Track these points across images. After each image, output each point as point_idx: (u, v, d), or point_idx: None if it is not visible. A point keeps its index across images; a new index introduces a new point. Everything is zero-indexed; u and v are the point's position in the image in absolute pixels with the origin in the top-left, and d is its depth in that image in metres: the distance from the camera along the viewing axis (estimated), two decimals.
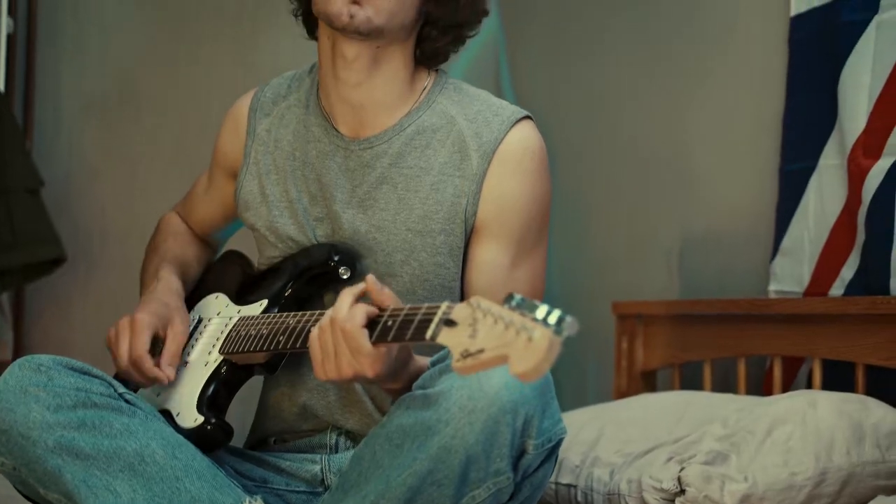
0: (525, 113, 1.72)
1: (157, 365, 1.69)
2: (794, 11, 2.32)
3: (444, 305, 1.34)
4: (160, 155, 3.13)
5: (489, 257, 1.70)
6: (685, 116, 2.65)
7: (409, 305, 1.42)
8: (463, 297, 1.73)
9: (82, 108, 3.07)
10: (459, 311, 1.30)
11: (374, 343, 1.43)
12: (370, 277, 1.49)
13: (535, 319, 1.20)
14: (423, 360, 1.56)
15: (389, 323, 1.41)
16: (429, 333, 1.33)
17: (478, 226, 1.69)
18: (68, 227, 2.92)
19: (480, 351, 1.23)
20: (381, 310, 1.45)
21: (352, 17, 1.61)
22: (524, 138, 1.69)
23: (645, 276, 2.75)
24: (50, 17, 3.02)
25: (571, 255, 2.83)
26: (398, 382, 1.53)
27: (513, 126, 1.69)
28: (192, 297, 1.90)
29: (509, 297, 1.24)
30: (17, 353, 2.96)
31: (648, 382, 2.55)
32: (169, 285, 1.82)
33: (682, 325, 2.46)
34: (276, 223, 1.77)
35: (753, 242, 2.45)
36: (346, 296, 1.48)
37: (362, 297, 1.49)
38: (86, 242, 3.04)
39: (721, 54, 2.55)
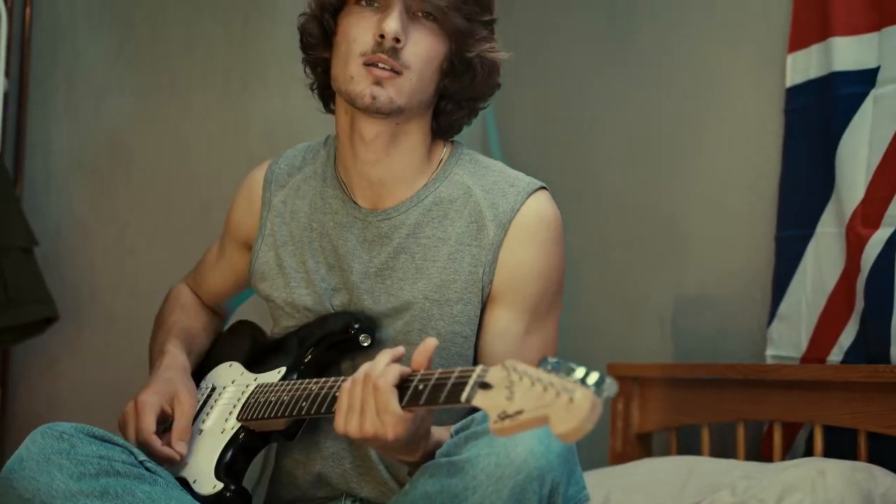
0: (540, 184, 1.75)
1: (168, 443, 1.71)
2: (789, 82, 2.38)
3: (478, 369, 1.35)
4: (149, 214, 3.13)
5: (503, 325, 1.72)
6: (681, 180, 2.69)
7: (439, 370, 1.43)
8: (476, 363, 1.73)
9: (73, 166, 3.06)
10: (494, 374, 1.31)
11: (405, 407, 1.44)
12: (431, 340, 1.50)
13: (574, 380, 1.21)
14: (440, 436, 1.57)
15: (420, 387, 1.42)
16: (464, 396, 1.33)
17: (493, 294, 1.71)
18: (57, 284, 2.90)
19: (519, 412, 1.24)
20: (413, 373, 1.46)
21: (374, 98, 1.65)
22: (540, 209, 1.72)
23: (639, 338, 2.77)
24: (42, 77, 3.02)
25: (565, 315, 2.82)
26: (413, 455, 1.53)
27: (529, 196, 1.72)
28: (205, 367, 1.91)
29: (544, 361, 1.26)
30: (4, 411, 2.93)
31: (644, 445, 2.57)
32: (174, 360, 1.83)
33: (679, 389, 2.48)
34: (294, 294, 1.79)
35: (749, 307, 2.48)
36: (384, 354, 1.50)
37: (399, 361, 1.50)
38: (74, 300, 3.02)
39: (717, 121, 2.60)
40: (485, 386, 1.31)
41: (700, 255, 2.63)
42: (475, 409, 1.38)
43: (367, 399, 1.46)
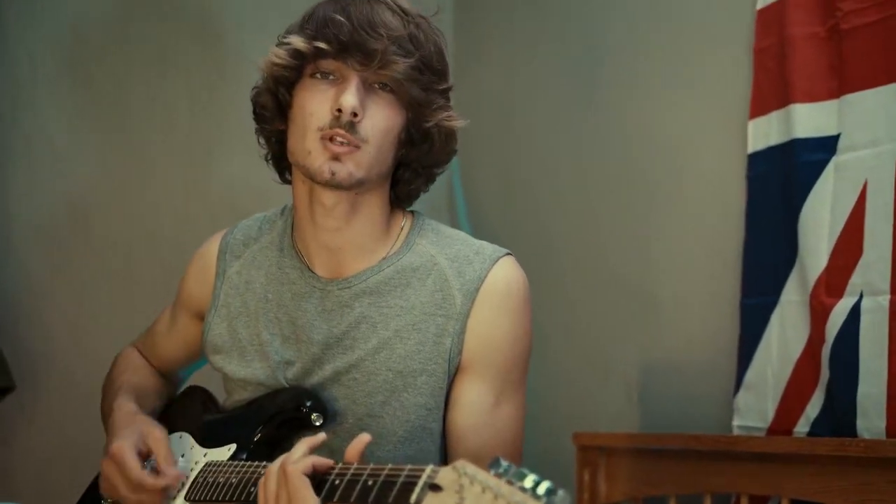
0: (506, 251, 1.73)
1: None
2: (751, 149, 2.37)
3: (428, 469, 1.31)
4: (110, 280, 3.09)
5: (474, 397, 1.68)
6: (645, 244, 2.68)
7: (389, 465, 1.38)
8: (445, 436, 1.71)
9: (31, 231, 3.02)
10: (445, 476, 1.27)
11: (330, 501, 1.40)
12: (364, 436, 1.47)
13: (523, 489, 1.18)
14: None
15: (370, 483, 1.38)
16: (413, 497, 1.30)
17: (463, 364, 1.68)
18: (14, 352, 2.86)
19: None
20: (343, 468, 1.43)
21: (333, 173, 1.62)
22: (507, 276, 1.70)
23: (605, 405, 2.74)
24: (1, 140, 2.98)
25: (531, 382, 2.79)
26: None
27: (495, 263, 1.69)
28: None
29: (496, 463, 1.22)
30: None
31: None
32: (128, 410, 1.80)
33: (646, 459, 2.44)
34: (247, 368, 1.75)
35: (715, 375, 2.46)
36: (302, 443, 1.48)
37: (317, 451, 1.48)
38: (31, 367, 2.97)
39: (681, 186, 2.59)
40: (435, 488, 1.27)
41: (666, 321, 2.61)
42: None
43: (280, 488, 1.44)
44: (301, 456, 1.45)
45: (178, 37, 3.20)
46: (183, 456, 1.78)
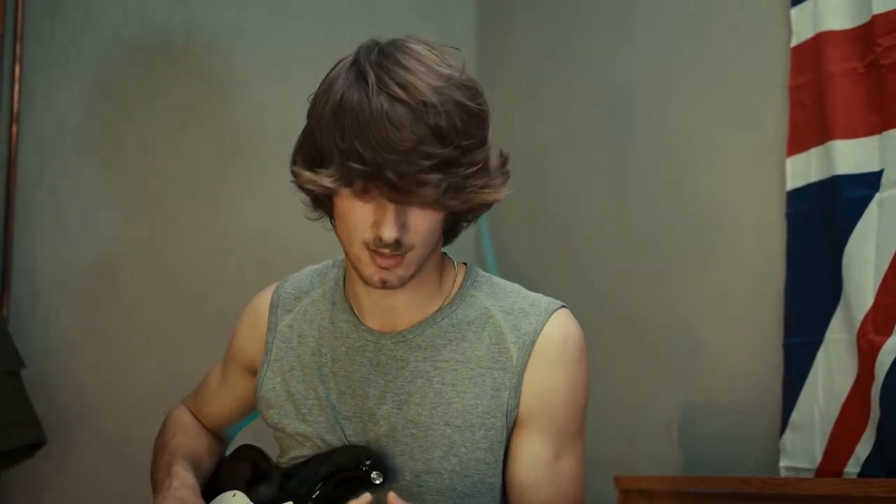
0: (561, 303, 1.71)
1: None
2: (790, 186, 2.35)
3: None
4: (139, 332, 3.08)
5: (534, 452, 1.66)
6: (683, 285, 2.66)
7: None
8: (505, 491, 1.69)
9: (60, 285, 3.01)
10: None
11: None
12: (392, 495, 1.47)
13: None
14: None
15: None
16: None
17: (520, 419, 1.66)
18: (44, 406, 2.84)
19: None
20: None
21: (384, 281, 1.58)
22: (563, 329, 1.67)
23: (645, 448, 2.71)
24: (28, 195, 2.98)
25: None
26: None
27: (550, 316, 1.67)
28: (206, 495, 1.83)
29: None
30: None
31: None
32: (184, 481, 1.77)
33: (689, 501, 2.40)
34: (304, 422, 1.73)
35: (757, 415, 2.43)
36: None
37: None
38: (62, 421, 2.96)
39: (719, 224, 2.57)
40: None
41: (706, 362, 2.58)
42: None
43: None
44: None
45: (202, 87, 3.21)
46: None
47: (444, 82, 1.52)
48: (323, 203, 1.64)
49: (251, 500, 1.76)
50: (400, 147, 1.47)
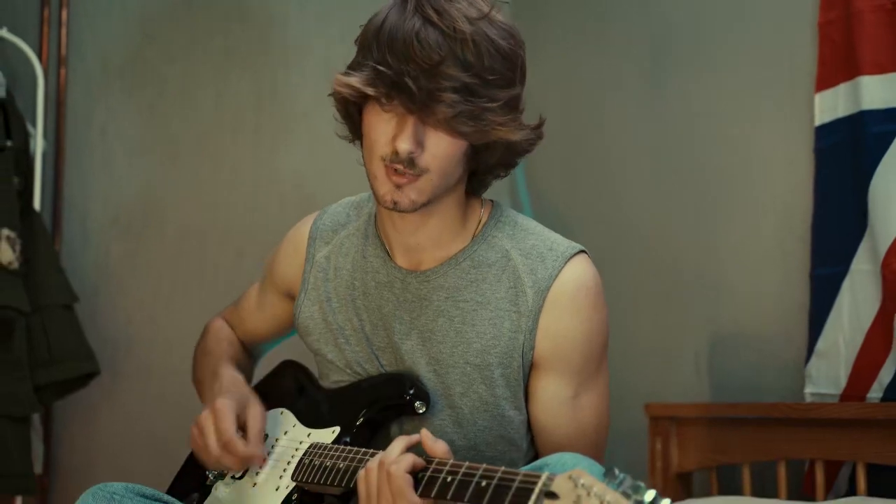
0: (579, 248, 1.73)
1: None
2: (818, 121, 2.39)
3: (543, 476, 1.32)
4: (183, 267, 3.17)
5: (551, 392, 1.71)
6: (714, 220, 2.71)
7: (502, 468, 1.39)
8: (528, 430, 1.75)
9: (108, 222, 3.11)
10: (560, 485, 1.28)
11: (429, 497, 1.44)
12: (424, 432, 1.52)
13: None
14: None
15: (483, 484, 1.39)
16: (531, 503, 1.31)
17: (536, 361, 1.70)
18: (94, 338, 2.95)
19: None
20: (440, 465, 1.46)
21: (395, 202, 1.64)
22: (578, 275, 1.70)
23: (675, 378, 2.77)
24: (78, 137, 3.07)
25: None
26: None
27: (567, 262, 1.70)
28: None
29: (610, 472, 1.23)
30: (47, 465, 2.96)
31: (684, 484, 2.57)
32: (234, 377, 1.85)
33: (718, 428, 2.48)
34: (343, 350, 1.79)
35: (785, 344, 2.49)
36: (399, 442, 1.52)
37: (413, 448, 1.52)
38: (112, 353, 3.06)
39: (748, 160, 2.62)
40: (551, 495, 1.28)
41: (735, 294, 2.64)
42: None
43: (382, 485, 1.48)
44: (399, 454, 1.49)
45: (242, 31, 3.27)
46: (286, 433, 1.81)
47: (479, 17, 1.60)
48: (352, 117, 1.71)
49: (298, 420, 1.83)
50: (423, 63, 1.55)
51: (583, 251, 1.73)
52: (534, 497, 1.31)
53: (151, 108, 3.17)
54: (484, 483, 1.39)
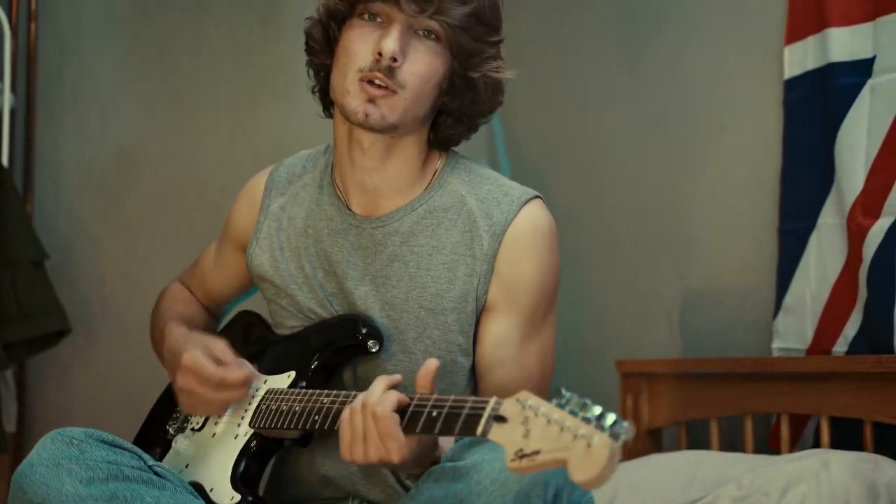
0: (534, 193, 1.74)
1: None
2: (787, 74, 2.38)
3: (492, 401, 1.34)
4: (159, 224, 3.15)
5: (500, 333, 1.71)
6: (684, 176, 2.70)
7: (452, 397, 1.42)
8: (474, 371, 1.75)
9: (82, 179, 3.09)
10: (509, 408, 1.29)
11: (419, 433, 1.45)
12: (433, 361, 1.51)
13: (587, 420, 1.19)
14: (445, 444, 1.57)
15: (434, 414, 1.42)
16: (479, 429, 1.33)
17: (489, 304, 1.71)
18: (68, 297, 2.93)
19: (536, 452, 1.22)
20: (421, 400, 1.47)
21: (367, 115, 1.65)
22: (533, 219, 1.71)
23: (647, 334, 2.78)
24: (49, 92, 3.05)
25: (573, 313, 2.85)
26: (421, 467, 1.54)
27: (522, 206, 1.71)
28: None
29: (557, 394, 1.24)
30: (21, 424, 2.96)
31: (655, 440, 2.58)
32: (181, 330, 1.85)
33: (687, 383, 2.49)
34: (297, 298, 1.79)
35: (755, 300, 2.49)
36: (380, 381, 1.51)
37: (394, 388, 1.51)
38: (86, 312, 3.05)
39: (717, 115, 2.61)
40: (500, 419, 1.29)
41: (705, 250, 2.64)
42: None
43: (369, 427, 1.47)
44: (383, 394, 1.49)
45: None
46: None
47: None
48: (329, 37, 1.72)
49: (254, 368, 1.80)
50: None
51: (538, 196, 1.74)
52: (482, 422, 1.33)
53: (125, 63, 3.14)
54: (435, 413, 1.42)
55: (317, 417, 1.60)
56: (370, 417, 1.47)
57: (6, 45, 2.85)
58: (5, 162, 2.81)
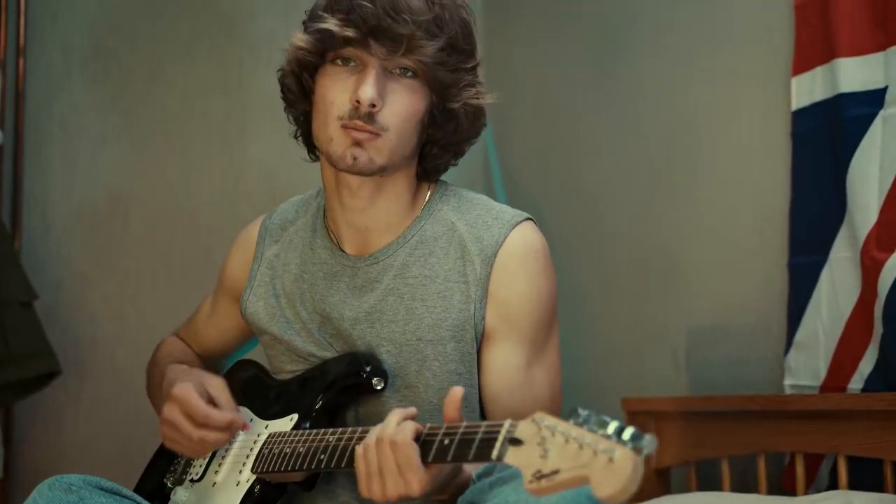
0: (525, 215, 1.73)
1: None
2: (795, 106, 2.35)
3: (506, 423, 1.31)
4: (150, 263, 3.10)
5: (502, 360, 1.69)
6: (689, 208, 2.66)
7: (464, 423, 1.40)
8: (481, 402, 1.71)
9: (71, 218, 3.03)
10: (524, 429, 1.27)
11: (431, 463, 1.41)
12: (455, 389, 1.47)
13: (607, 436, 1.16)
14: (468, 470, 1.53)
15: (446, 442, 1.39)
16: (495, 453, 1.30)
17: (488, 331, 1.68)
18: (58, 337, 2.88)
19: (555, 472, 1.19)
20: (433, 429, 1.43)
21: (355, 159, 1.63)
22: (525, 239, 1.69)
23: (652, 371, 2.73)
24: (37, 129, 3.00)
25: (576, 350, 2.81)
26: (444, 494, 1.51)
27: (513, 228, 1.69)
28: None
29: (574, 413, 1.21)
30: (8, 468, 2.88)
31: (663, 480, 2.51)
32: (181, 367, 1.82)
33: (696, 422, 2.43)
34: (293, 342, 1.76)
35: (764, 335, 2.44)
36: (395, 414, 1.47)
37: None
38: (75, 352, 2.99)
39: (723, 146, 2.57)
40: (515, 442, 1.27)
41: (712, 285, 2.59)
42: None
43: (385, 460, 1.43)
44: (399, 424, 1.45)
45: (208, 20, 3.20)
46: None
47: None
48: (303, 86, 1.71)
49: (255, 414, 1.78)
50: (403, 13, 1.59)
51: (529, 218, 1.72)
52: (498, 445, 1.30)
53: (114, 100, 3.10)
54: (447, 441, 1.39)
55: (322, 456, 1.56)
56: (387, 449, 1.43)
57: None
58: None
